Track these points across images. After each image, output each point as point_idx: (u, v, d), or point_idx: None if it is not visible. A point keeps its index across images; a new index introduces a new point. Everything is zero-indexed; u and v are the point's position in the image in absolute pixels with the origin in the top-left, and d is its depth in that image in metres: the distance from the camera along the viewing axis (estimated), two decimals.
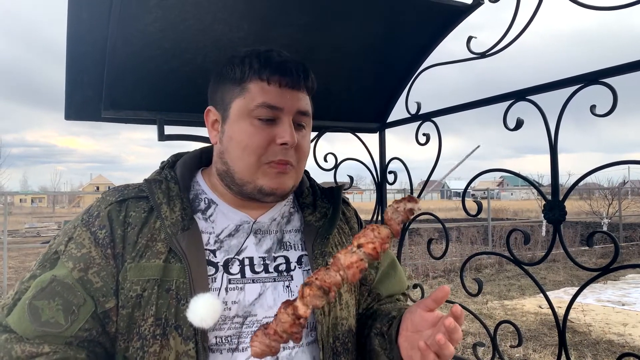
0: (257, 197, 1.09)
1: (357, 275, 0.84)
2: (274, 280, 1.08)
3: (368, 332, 1.16)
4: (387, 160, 2.12)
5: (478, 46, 1.58)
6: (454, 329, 0.88)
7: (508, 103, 1.46)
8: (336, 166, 2.08)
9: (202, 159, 1.24)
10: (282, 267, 1.10)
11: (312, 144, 2.06)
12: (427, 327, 0.95)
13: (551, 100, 1.43)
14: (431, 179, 1.92)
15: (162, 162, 1.19)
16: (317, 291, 0.84)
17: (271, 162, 1.05)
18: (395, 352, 1.02)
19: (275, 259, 1.11)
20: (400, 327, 1.02)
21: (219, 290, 1.02)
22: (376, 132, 2.16)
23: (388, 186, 2.14)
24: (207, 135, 1.82)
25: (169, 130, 1.76)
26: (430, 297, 0.94)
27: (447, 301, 2.07)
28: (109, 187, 1.17)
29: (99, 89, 1.60)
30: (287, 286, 1.09)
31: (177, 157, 1.21)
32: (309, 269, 1.11)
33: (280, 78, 1.04)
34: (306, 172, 1.31)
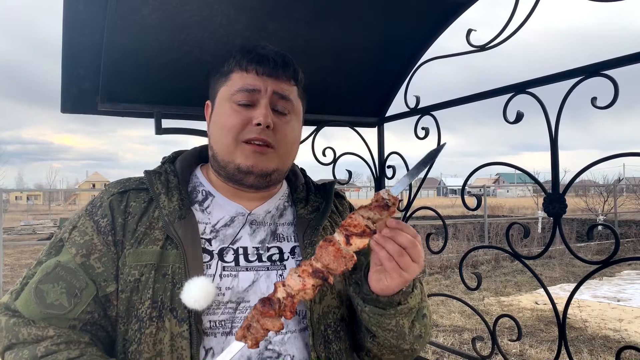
0: (237, 178, 1.13)
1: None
2: (268, 269, 1.12)
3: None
4: (385, 154, 2.11)
5: (477, 41, 1.58)
6: (396, 230, 0.95)
7: (508, 96, 1.46)
8: (334, 160, 2.07)
9: (202, 155, 1.28)
10: (276, 257, 1.15)
11: (310, 139, 2.05)
12: None
13: (550, 96, 1.43)
14: (429, 176, 1.92)
15: (164, 158, 1.25)
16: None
17: (248, 139, 1.09)
18: (364, 287, 1.06)
19: (268, 249, 1.15)
20: (370, 267, 1.05)
21: (214, 276, 1.06)
22: (375, 127, 2.16)
23: (386, 181, 2.13)
24: (205, 129, 1.83)
25: (166, 124, 1.75)
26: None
27: (448, 296, 2.07)
28: (104, 185, 1.21)
29: (96, 81, 1.59)
30: (280, 275, 1.13)
31: (177, 154, 1.27)
32: (301, 259, 1.15)
33: (257, 66, 1.11)
34: (303, 171, 1.36)
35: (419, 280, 1.12)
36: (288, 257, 1.16)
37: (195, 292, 0.99)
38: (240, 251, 1.12)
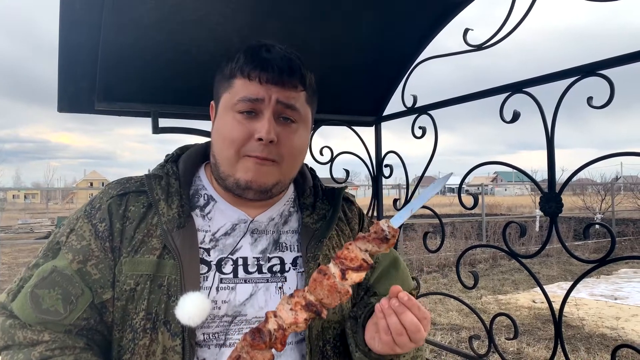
0: (237, 193, 1.08)
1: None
2: (267, 281, 1.08)
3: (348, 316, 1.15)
4: (383, 153, 2.11)
5: (474, 40, 1.58)
6: (404, 307, 0.91)
7: (504, 96, 1.46)
8: (332, 159, 2.08)
9: (208, 153, 1.21)
10: (277, 268, 1.10)
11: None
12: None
13: (547, 95, 1.43)
14: (426, 174, 1.92)
15: (167, 156, 1.20)
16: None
17: (250, 156, 1.04)
18: (359, 335, 1.03)
19: (269, 259, 1.10)
20: (373, 314, 1.02)
21: (210, 289, 1.03)
22: (372, 126, 2.16)
23: (383, 181, 2.14)
24: (202, 128, 1.83)
25: (164, 123, 1.75)
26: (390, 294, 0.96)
27: (445, 295, 2.08)
28: (102, 183, 1.17)
29: (93, 80, 1.58)
30: (280, 287, 1.08)
31: (182, 151, 1.21)
32: (303, 271, 1.11)
33: (260, 74, 1.03)
34: (312, 171, 1.30)
35: None
36: (289, 268, 1.11)
37: (190, 309, 0.97)
38: (240, 262, 1.08)
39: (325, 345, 1.08)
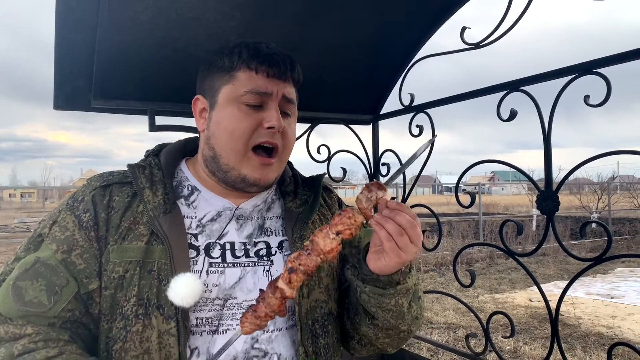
0: (239, 187, 1.12)
1: (335, 259, 0.98)
2: (254, 265, 1.11)
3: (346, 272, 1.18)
4: (380, 152, 2.11)
5: (471, 39, 1.58)
6: (396, 211, 0.96)
7: (501, 94, 1.46)
8: (329, 158, 2.07)
9: (187, 148, 1.26)
10: (263, 252, 1.13)
11: (305, 136, 2.05)
12: None
13: (544, 94, 1.43)
14: (423, 173, 1.92)
15: (147, 151, 1.22)
16: (302, 276, 0.95)
17: (258, 144, 1.08)
18: (364, 268, 1.06)
19: (256, 244, 1.14)
20: (369, 249, 1.05)
21: (200, 272, 1.05)
22: (369, 124, 2.16)
23: (381, 179, 2.14)
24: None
25: (160, 121, 1.74)
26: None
27: (442, 293, 2.08)
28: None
29: (89, 78, 1.58)
30: (267, 270, 1.11)
31: (161, 147, 1.24)
32: (289, 254, 1.14)
33: (268, 68, 1.08)
34: (289, 163, 1.34)
35: (414, 263, 1.12)
36: (275, 251, 1.14)
37: (182, 289, 0.97)
38: (227, 247, 1.10)
39: (314, 324, 1.12)
